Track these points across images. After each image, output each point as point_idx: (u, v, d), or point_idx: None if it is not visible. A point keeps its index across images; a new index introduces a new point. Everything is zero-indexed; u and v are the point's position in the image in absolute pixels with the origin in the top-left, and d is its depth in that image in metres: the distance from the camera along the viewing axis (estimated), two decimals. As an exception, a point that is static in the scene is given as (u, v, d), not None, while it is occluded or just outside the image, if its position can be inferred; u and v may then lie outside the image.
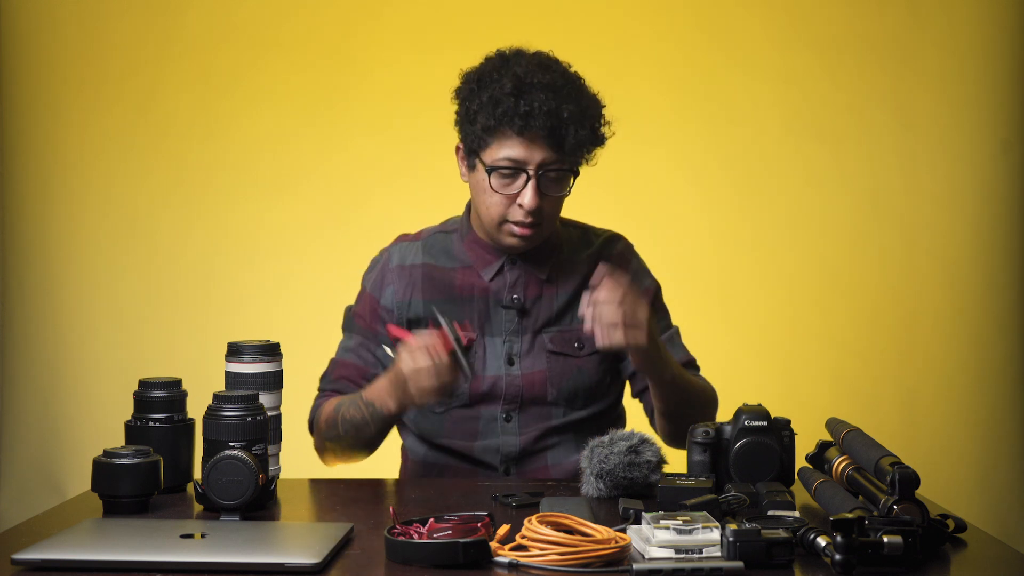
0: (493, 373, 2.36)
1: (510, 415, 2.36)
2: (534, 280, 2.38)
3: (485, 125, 2.26)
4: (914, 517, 1.68)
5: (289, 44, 3.83)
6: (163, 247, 3.83)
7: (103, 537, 1.76)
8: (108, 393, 3.61)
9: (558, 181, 2.28)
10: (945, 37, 3.76)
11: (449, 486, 2.24)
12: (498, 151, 2.26)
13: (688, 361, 2.45)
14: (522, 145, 2.24)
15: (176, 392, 2.13)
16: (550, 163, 2.26)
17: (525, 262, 2.39)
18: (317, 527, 1.83)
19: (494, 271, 2.39)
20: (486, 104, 2.25)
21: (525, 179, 2.26)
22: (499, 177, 2.27)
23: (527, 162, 2.25)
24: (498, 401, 2.36)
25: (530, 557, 1.63)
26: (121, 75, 3.83)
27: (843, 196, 3.80)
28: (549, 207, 2.30)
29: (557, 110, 2.22)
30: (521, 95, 2.23)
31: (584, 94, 2.29)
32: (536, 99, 2.22)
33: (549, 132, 2.23)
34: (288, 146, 3.83)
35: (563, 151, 2.25)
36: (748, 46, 3.80)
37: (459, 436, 2.37)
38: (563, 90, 2.25)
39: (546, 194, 2.28)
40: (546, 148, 2.25)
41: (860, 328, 3.80)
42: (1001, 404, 3.70)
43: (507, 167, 2.26)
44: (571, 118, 2.23)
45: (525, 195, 2.26)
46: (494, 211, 2.30)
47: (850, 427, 2.03)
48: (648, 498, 1.99)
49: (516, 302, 2.37)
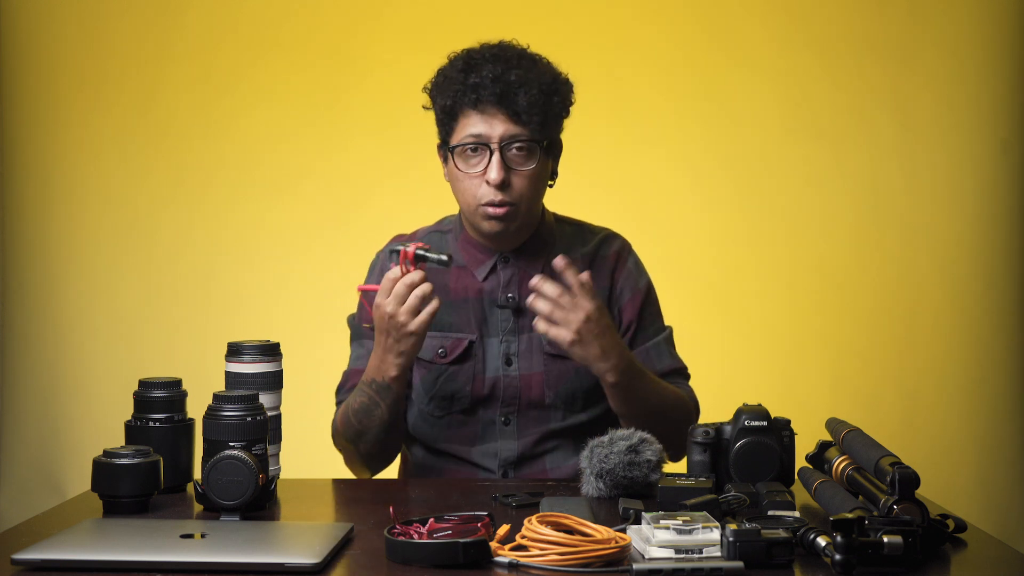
0: (492, 374, 2.35)
1: (508, 418, 2.36)
2: (528, 278, 2.37)
3: (443, 106, 2.30)
4: (914, 517, 1.68)
5: (289, 44, 3.83)
6: (163, 247, 3.83)
7: (103, 537, 1.76)
8: (108, 393, 3.61)
9: (524, 155, 2.27)
10: (945, 37, 3.76)
11: (449, 486, 2.24)
12: (461, 131, 2.29)
13: (674, 369, 2.42)
14: (482, 120, 2.26)
15: (176, 392, 2.13)
16: (511, 136, 2.26)
17: (518, 259, 2.38)
18: (317, 527, 1.83)
19: (487, 270, 2.38)
20: (441, 86, 2.31)
21: (489, 155, 2.27)
22: (464, 157, 2.28)
23: (489, 137, 2.26)
24: (496, 403, 2.36)
25: (530, 557, 1.63)
26: (121, 75, 3.83)
27: (843, 196, 3.80)
28: (520, 184, 2.28)
29: (505, 75, 2.25)
30: (471, 70, 2.27)
31: (538, 64, 2.30)
32: (485, 69, 2.26)
33: (500, 99, 2.24)
34: (288, 146, 3.83)
35: (521, 119, 2.25)
36: (748, 46, 3.80)
37: (458, 441, 2.36)
38: (512, 60, 2.28)
39: (512, 168, 2.27)
40: (505, 120, 2.26)
41: (860, 328, 3.80)
42: (1001, 404, 3.70)
43: (470, 143, 2.27)
44: (519, 81, 2.25)
45: (491, 170, 2.26)
46: (467, 195, 2.30)
47: (850, 427, 2.03)
48: (648, 498, 1.99)
49: (511, 301, 2.36)
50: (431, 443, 2.39)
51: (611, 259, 2.43)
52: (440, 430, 2.37)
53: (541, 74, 2.28)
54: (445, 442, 2.37)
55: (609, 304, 2.40)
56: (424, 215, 2.55)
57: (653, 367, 2.38)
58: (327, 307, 3.69)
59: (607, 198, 3.47)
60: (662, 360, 2.40)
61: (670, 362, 2.42)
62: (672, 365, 2.42)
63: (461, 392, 2.35)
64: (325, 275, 3.76)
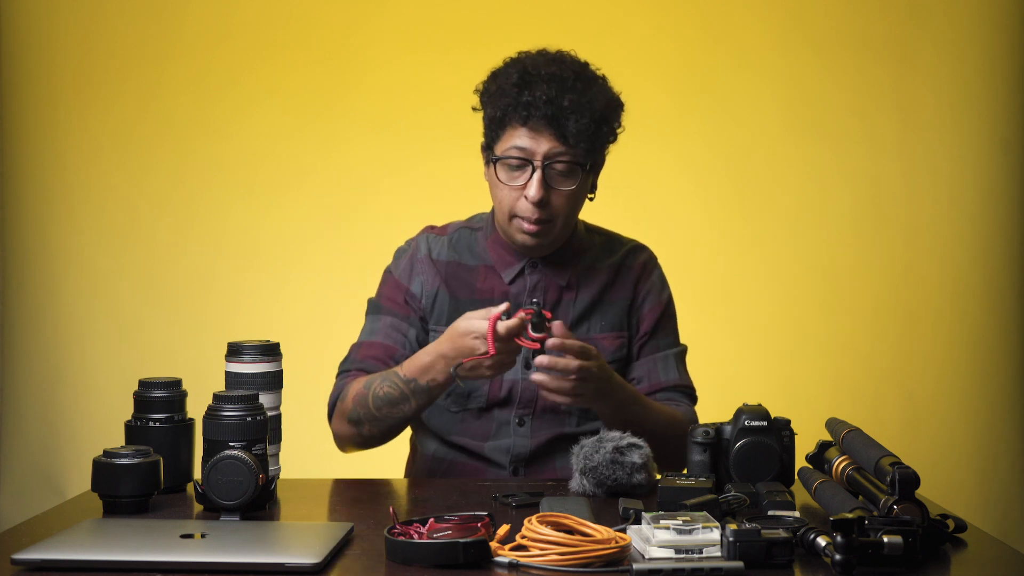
0: (510, 377, 2.35)
1: (523, 419, 2.36)
2: (554, 285, 2.38)
3: (492, 116, 2.30)
4: (914, 517, 1.68)
5: (289, 44, 3.83)
6: (163, 247, 3.83)
7: (103, 537, 1.75)
8: (108, 393, 3.61)
9: (566, 175, 2.28)
10: (945, 37, 3.76)
11: (449, 486, 2.24)
12: (507, 143, 2.28)
13: (679, 384, 2.42)
14: (528, 136, 2.26)
15: (176, 392, 2.13)
16: (555, 154, 2.26)
17: (546, 267, 2.39)
18: (317, 527, 1.83)
19: (514, 273, 2.39)
20: (494, 95, 2.30)
21: (531, 171, 2.26)
22: (507, 169, 2.29)
23: (533, 153, 2.26)
24: (512, 406, 2.36)
25: (530, 557, 1.63)
26: (121, 75, 3.83)
27: (843, 196, 3.80)
28: (558, 202, 2.29)
29: (558, 99, 2.24)
30: (525, 86, 2.26)
31: (592, 87, 2.29)
32: (539, 89, 2.24)
33: (550, 121, 2.24)
34: (288, 146, 3.83)
35: (568, 142, 2.25)
36: (748, 46, 3.80)
37: (471, 435, 2.37)
38: (568, 81, 2.26)
39: (553, 187, 2.27)
40: (552, 139, 2.25)
41: (860, 328, 3.80)
42: (1001, 404, 3.70)
43: (514, 157, 2.27)
44: (572, 107, 2.24)
45: (531, 186, 2.26)
46: (504, 205, 2.31)
47: (850, 427, 2.03)
48: (635, 498, 1.99)
49: (536, 305, 2.36)
50: (444, 435, 2.39)
51: (636, 269, 2.45)
52: (454, 424, 2.38)
53: (594, 99, 2.27)
54: (458, 435, 2.38)
55: (629, 313, 2.42)
56: (424, 215, 2.55)
57: (658, 378, 2.39)
58: (327, 307, 3.71)
59: (607, 198, 3.46)
60: (668, 373, 2.41)
61: (676, 377, 2.42)
62: (677, 380, 2.42)
63: (479, 392, 2.36)
64: (325, 275, 3.76)
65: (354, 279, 2.50)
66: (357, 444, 2.36)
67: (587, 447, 2.09)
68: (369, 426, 2.30)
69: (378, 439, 2.35)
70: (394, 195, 3.76)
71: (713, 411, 2.35)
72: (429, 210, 2.57)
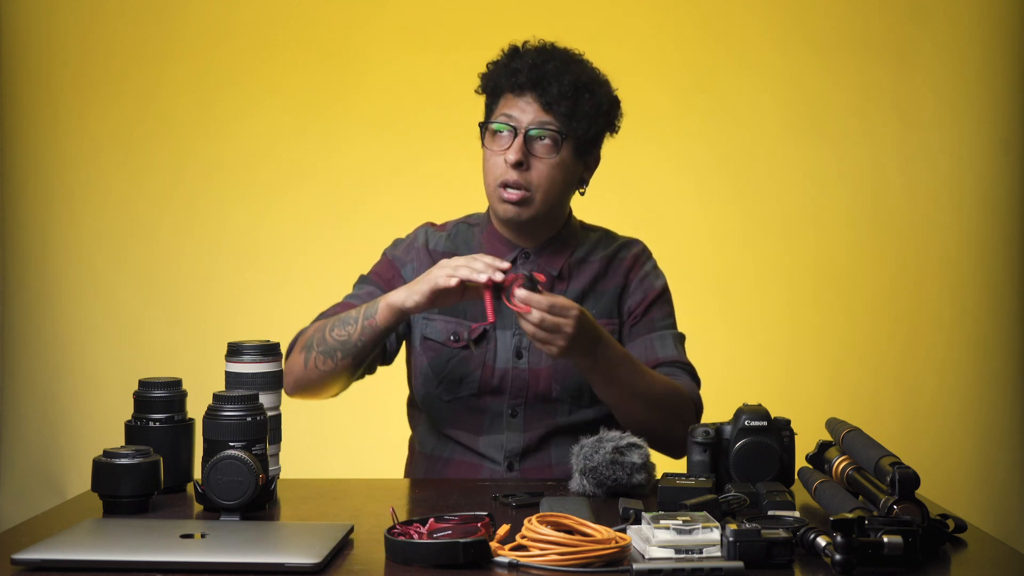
0: (502, 365, 2.37)
1: (516, 411, 2.37)
2: (546, 276, 2.39)
3: (486, 88, 2.41)
4: (914, 517, 1.68)
5: (289, 44, 3.83)
6: (163, 247, 3.83)
7: (103, 537, 1.75)
8: (108, 393, 3.61)
9: (548, 145, 2.33)
10: (945, 37, 3.76)
11: (449, 486, 2.24)
12: (497, 113, 2.38)
13: (676, 360, 2.41)
14: (516, 105, 2.35)
15: (176, 392, 2.13)
16: (538, 123, 2.33)
17: (538, 256, 2.42)
18: (317, 527, 1.83)
19: None
20: (490, 72, 2.41)
21: (514, 137, 2.33)
22: (493, 136, 2.36)
23: (518, 121, 2.34)
24: (504, 395, 2.37)
25: (530, 557, 1.63)
26: (121, 75, 3.83)
27: (843, 195, 3.80)
28: (539, 172, 2.33)
29: (543, 65, 2.34)
30: (515, 56, 2.39)
31: (579, 62, 2.39)
32: (527, 57, 2.36)
33: (534, 85, 2.33)
34: (288, 146, 3.83)
35: (551, 109, 2.32)
36: (748, 46, 3.80)
37: (464, 428, 2.38)
38: (555, 53, 2.38)
39: (534, 155, 2.32)
40: (537, 109, 2.34)
41: (860, 328, 3.80)
42: (1001, 404, 3.70)
43: (500, 123, 2.34)
44: (554, 72, 2.33)
45: (511, 151, 2.32)
46: (490, 174, 2.37)
47: (850, 427, 2.03)
48: (634, 498, 1.99)
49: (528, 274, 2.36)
50: (438, 425, 2.41)
51: (628, 261, 2.47)
52: (447, 414, 2.39)
53: (579, 71, 2.36)
54: (452, 427, 2.39)
55: (620, 300, 2.44)
56: (424, 215, 2.56)
57: (655, 354, 2.39)
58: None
59: (607, 197, 3.45)
60: (665, 349, 2.41)
61: (673, 353, 2.42)
62: (675, 355, 2.42)
63: (470, 377, 2.37)
64: (325, 275, 3.74)
65: (354, 279, 2.50)
66: (299, 379, 2.34)
67: (587, 447, 2.09)
68: (316, 353, 2.31)
69: (316, 381, 2.33)
70: (394, 195, 3.76)
71: (713, 411, 2.35)
72: (429, 210, 2.57)
